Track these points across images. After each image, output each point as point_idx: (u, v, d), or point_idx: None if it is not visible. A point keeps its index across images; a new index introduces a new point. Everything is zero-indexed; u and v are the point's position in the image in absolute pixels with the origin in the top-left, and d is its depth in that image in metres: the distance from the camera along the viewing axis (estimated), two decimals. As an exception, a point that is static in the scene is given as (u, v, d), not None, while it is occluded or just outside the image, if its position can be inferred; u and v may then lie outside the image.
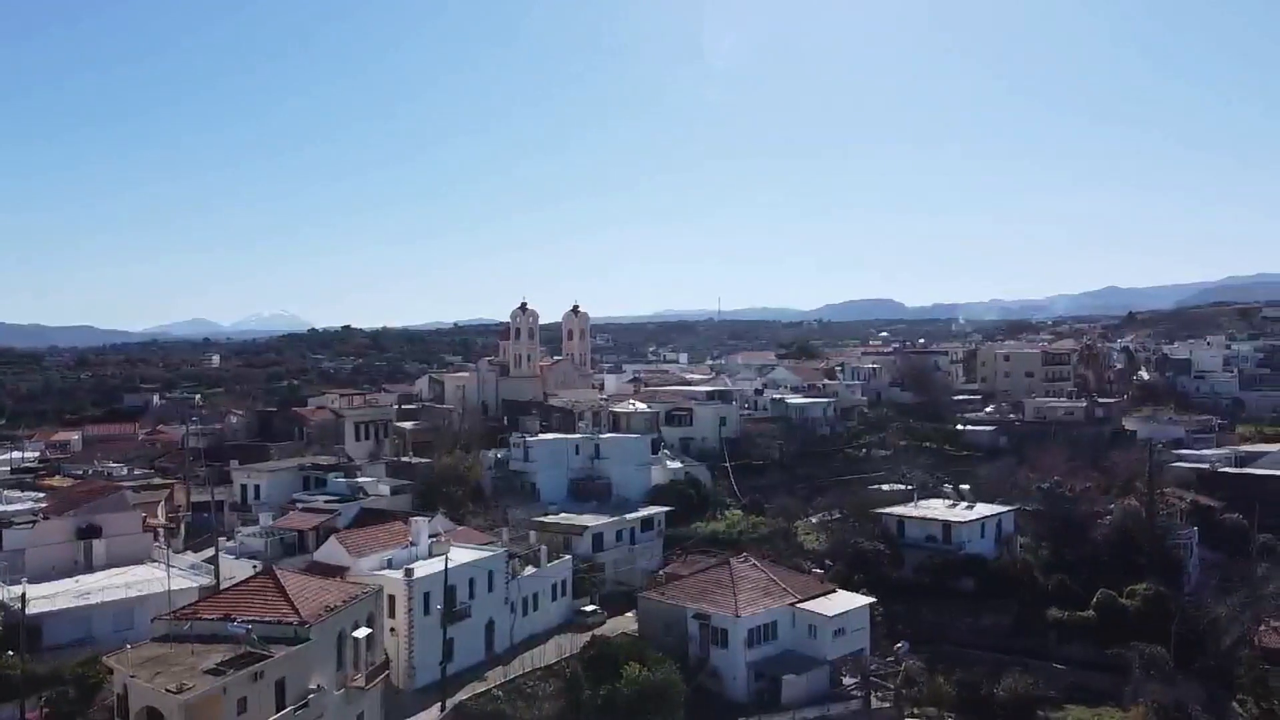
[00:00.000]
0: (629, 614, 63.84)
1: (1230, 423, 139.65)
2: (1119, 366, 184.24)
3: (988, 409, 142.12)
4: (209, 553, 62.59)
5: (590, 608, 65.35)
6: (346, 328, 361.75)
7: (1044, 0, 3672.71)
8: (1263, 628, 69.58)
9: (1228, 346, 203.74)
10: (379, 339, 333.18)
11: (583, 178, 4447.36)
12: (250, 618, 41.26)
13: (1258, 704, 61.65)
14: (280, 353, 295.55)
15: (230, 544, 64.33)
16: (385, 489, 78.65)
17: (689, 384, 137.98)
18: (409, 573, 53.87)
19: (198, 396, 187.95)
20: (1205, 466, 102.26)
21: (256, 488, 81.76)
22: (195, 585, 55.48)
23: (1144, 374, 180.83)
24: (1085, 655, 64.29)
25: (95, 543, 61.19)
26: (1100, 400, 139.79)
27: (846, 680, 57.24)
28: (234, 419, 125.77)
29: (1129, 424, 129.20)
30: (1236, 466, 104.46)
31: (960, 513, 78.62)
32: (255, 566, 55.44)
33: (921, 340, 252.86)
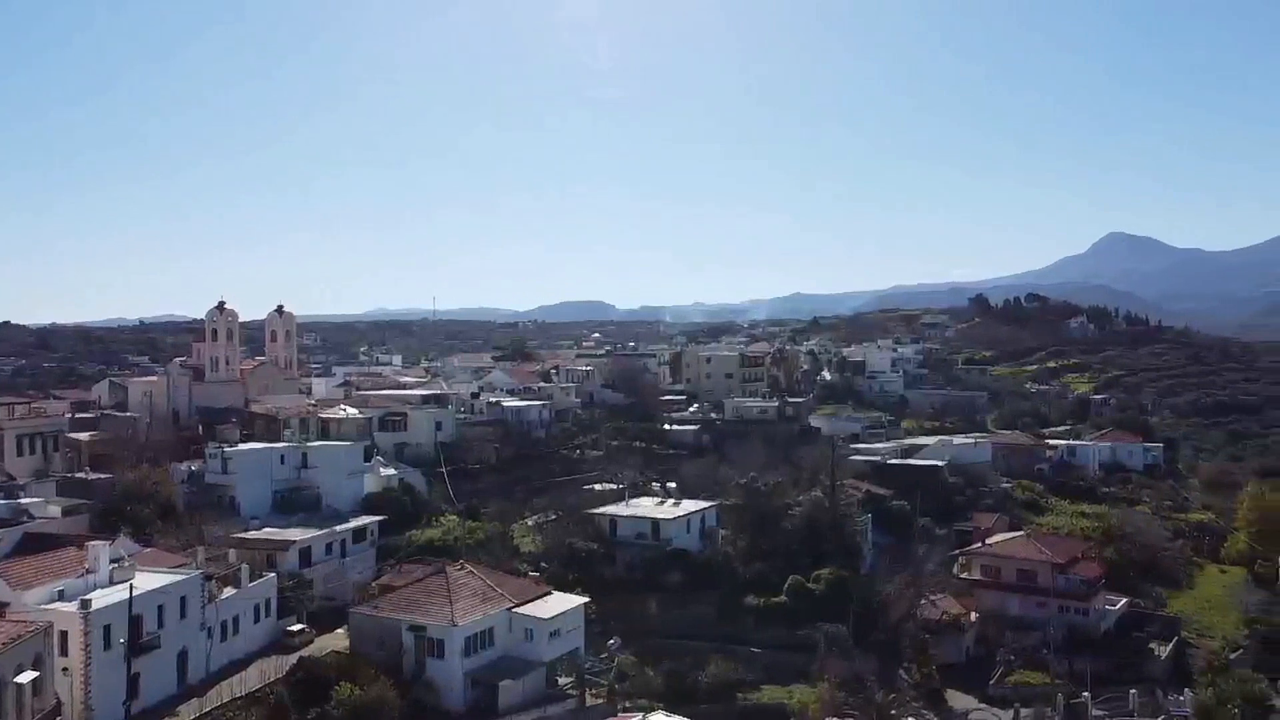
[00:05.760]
0: (340, 630, 61.44)
1: (897, 419, 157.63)
2: (805, 368, 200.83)
3: (692, 409, 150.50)
4: None
5: (298, 627, 62.04)
6: (5, 324, 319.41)
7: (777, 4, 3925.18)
8: (924, 602, 79.23)
9: (894, 350, 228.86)
10: (46, 337, 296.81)
11: (289, 172, 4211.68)
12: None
13: (919, 670, 70.12)
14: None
15: None
16: (56, 510, 70.25)
17: (404, 387, 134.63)
18: (85, 604, 48.54)
19: None
20: (877, 459, 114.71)
21: (-113, 515, 70.24)
22: None
23: (826, 375, 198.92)
24: (779, 638, 69.31)
25: None
26: (790, 399, 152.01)
27: (562, 680, 58.58)
28: None
29: (814, 421, 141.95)
30: (902, 458, 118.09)
31: (667, 510, 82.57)
32: (-115, 609, 47.84)
33: (632, 344, 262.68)
